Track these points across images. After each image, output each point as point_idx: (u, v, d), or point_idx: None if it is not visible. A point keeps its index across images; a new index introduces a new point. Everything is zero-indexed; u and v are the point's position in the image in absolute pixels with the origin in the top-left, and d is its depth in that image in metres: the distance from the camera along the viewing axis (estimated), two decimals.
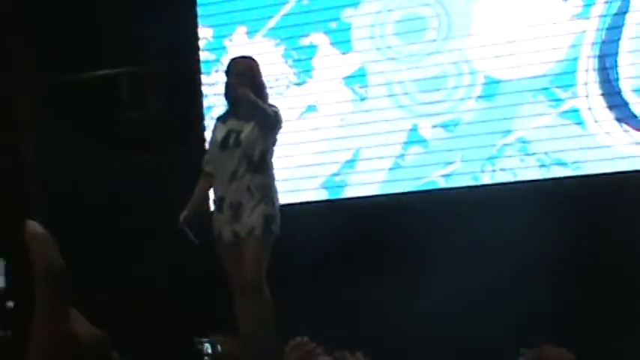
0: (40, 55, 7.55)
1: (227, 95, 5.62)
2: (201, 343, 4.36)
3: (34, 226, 0.68)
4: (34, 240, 0.68)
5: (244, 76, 5.46)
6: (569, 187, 6.19)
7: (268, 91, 5.70)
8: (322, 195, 6.73)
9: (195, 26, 7.07)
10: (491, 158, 6.40)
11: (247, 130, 5.41)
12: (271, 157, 5.51)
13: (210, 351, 3.90)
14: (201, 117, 6.90)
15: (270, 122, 5.42)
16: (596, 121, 6.21)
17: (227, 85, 5.60)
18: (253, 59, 5.69)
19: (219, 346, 4.30)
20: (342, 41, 6.78)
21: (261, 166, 5.42)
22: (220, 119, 5.63)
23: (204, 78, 6.96)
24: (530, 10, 6.36)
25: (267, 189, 5.42)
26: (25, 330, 0.66)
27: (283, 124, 5.58)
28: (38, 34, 7.54)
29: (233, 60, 5.71)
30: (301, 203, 6.64)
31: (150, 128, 7.23)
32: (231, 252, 5.40)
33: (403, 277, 6.00)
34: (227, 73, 5.63)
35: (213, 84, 6.80)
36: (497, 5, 6.44)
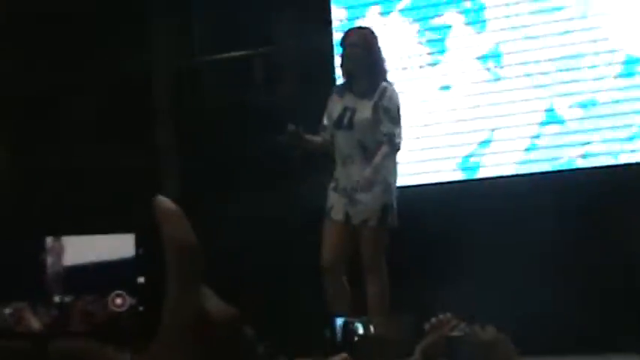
0: (177, 37, 7.64)
1: (342, 67, 5.50)
2: (353, 323, 4.35)
3: (164, 201, 0.68)
4: (164, 215, 0.68)
5: (356, 46, 5.34)
6: None
7: (387, 65, 5.49)
8: (457, 176, 6.67)
9: (329, 7, 7.06)
10: (630, 138, 6.25)
11: (362, 110, 5.27)
12: (389, 132, 5.25)
13: (361, 331, 3.87)
14: None
15: (393, 105, 5.28)
16: None
17: (341, 56, 5.50)
18: (369, 30, 5.54)
19: (371, 327, 4.27)
20: (476, 20, 6.69)
21: (375, 154, 5.23)
22: (337, 91, 5.49)
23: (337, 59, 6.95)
24: None
25: (383, 178, 5.24)
26: (154, 305, 0.66)
27: (412, 104, 5.45)
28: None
29: (347, 31, 5.59)
30: (435, 184, 6.58)
31: (281, 111, 7.25)
32: (336, 229, 5.29)
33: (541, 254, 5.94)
34: (341, 44, 5.53)
35: None
36: None
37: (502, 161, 6.55)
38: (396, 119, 5.26)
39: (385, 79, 5.39)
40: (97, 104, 7.38)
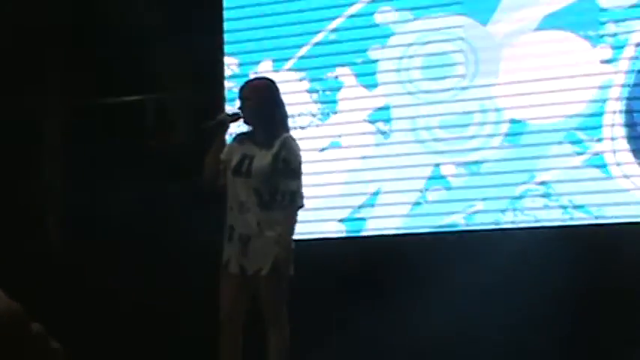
0: (67, 78, 7.59)
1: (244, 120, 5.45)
2: None
3: None
4: None
5: (249, 99, 5.31)
6: (589, 234, 6.13)
7: (289, 113, 5.43)
8: (342, 229, 6.69)
9: (221, 55, 7.07)
10: (513, 200, 6.34)
11: (260, 159, 5.24)
12: (291, 191, 5.21)
13: None
14: None
15: (293, 158, 5.26)
16: (618, 165, 6.15)
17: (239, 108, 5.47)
18: (265, 81, 5.54)
19: None
20: (367, 77, 6.75)
21: (272, 203, 5.22)
22: (238, 139, 5.44)
23: (227, 108, 6.94)
24: (558, 53, 6.30)
25: (280, 227, 5.19)
26: None
27: (304, 157, 5.42)
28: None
29: (244, 83, 5.56)
30: (320, 239, 6.59)
31: (177, 156, 7.21)
32: (232, 283, 5.25)
33: (418, 316, 5.99)
34: (238, 97, 5.48)
35: None
36: (525, 47, 6.39)
37: (387, 216, 6.59)
38: (296, 173, 5.25)
39: (287, 130, 5.37)
40: None
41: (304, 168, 5.30)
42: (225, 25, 7.12)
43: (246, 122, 5.39)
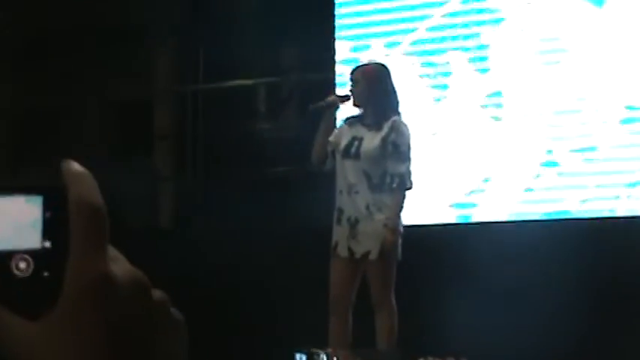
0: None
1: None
2: (318, 355, 4.27)
3: (72, 164, 0.66)
4: (71, 177, 0.66)
5: (358, 82, 5.30)
6: None
7: (400, 97, 5.39)
8: (451, 217, 6.63)
9: (332, 39, 7.06)
10: (629, 185, 6.20)
11: (369, 141, 5.22)
12: (400, 173, 5.18)
13: None
14: None
15: (403, 140, 5.22)
16: None
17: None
18: (376, 65, 5.55)
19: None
20: (480, 61, 6.67)
21: (381, 185, 5.19)
22: (348, 122, 5.42)
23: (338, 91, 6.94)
24: None
25: (389, 210, 5.18)
26: (60, 271, 0.63)
27: (415, 142, 5.39)
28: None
29: (355, 67, 5.56)
30: (430, 225, 6.54)
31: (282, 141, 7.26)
32: (341, 265, 5.27)
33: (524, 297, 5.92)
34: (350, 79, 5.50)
35: None
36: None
37: (497, 205, 6.51)
38: (405, 156, 5.22)
39: (397, 113, 5.35)
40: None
41: (415, 152, 5.27)
42: (337, 10, 7.11)
43: (355, 105, 5.37)
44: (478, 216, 6.58)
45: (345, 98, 5.42)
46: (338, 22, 7.09)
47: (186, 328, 0.67)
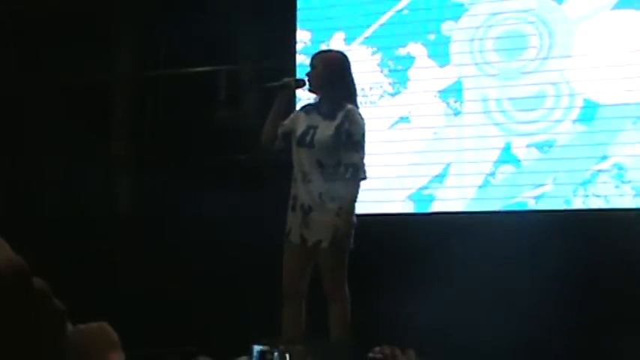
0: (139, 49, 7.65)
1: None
2: (270, 353, 4.25)
3: None
4: None
5: (316, 67, 5.29)
6: None
7: (358, 89, 5.38)
8: (409, 208, 6.65)
9: (294, 29, 7.06)
10: (584, 183, 6.24)
11: (324, 130, 5.21)
12: (353, 163, 5.14)
13: None
14: None
15: (356, 130, 5.19)
16: None
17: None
18: (335, 52, 5.52)
19: (287, 356, 4.20)
20: (440, 54, 6.69)
21: (334, 175, 5.17)
22: (305, 109, 5.41)
23: None
24: (634, 33, 6.19)
25: (342, 199, 5.15)
26: None
27: (372, 133, 5.37)
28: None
29: (315, 53, 5.53)
30: (386, 215, 6.56)
31: (242, 128, 7.25)
32: (293, 253, 5.27)
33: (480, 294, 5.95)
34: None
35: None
36: (601, 27, 6.28)
37: (455, 196, 6.53)
38: (359, 146, 5.19)
39: (353, 102, 5.32)
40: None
41: (373, 143, 5.26)
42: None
43: (311, 90, 5.37)
44: (436, 207, 6.60)
45: (301, 82, 5.41)
46: (300, 11, 7.09)
47: (67, 317, 0.67)
